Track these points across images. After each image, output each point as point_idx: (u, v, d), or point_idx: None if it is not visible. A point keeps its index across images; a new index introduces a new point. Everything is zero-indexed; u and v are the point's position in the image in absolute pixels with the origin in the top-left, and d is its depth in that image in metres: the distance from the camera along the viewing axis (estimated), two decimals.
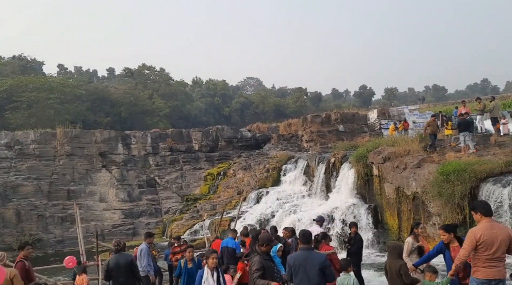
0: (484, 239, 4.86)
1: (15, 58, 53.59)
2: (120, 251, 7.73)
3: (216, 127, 34.24)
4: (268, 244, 5.93)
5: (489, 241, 4.85)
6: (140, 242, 21.15)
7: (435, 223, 14.37)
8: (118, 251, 7.73)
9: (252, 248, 6.33)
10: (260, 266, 5.68)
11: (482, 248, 4.89)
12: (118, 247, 7.76)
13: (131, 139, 31.08)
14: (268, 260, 5.87)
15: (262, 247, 5.89)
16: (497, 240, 4.82)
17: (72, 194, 27.46)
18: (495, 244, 4.82)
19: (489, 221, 4.97)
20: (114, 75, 77.43)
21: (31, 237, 24.75)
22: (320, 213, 16.65)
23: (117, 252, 7.76)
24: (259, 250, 5.88)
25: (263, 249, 5.86)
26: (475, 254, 4.96)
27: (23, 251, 7.29)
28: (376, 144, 18.94)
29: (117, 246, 7.81)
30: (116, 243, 7.89)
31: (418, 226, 7.51)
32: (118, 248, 7.76)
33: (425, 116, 32.24)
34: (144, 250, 8.96)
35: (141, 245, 9.25)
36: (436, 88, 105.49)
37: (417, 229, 7.39)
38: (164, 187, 29.82)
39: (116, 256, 7.70)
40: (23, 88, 39.56)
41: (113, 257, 7.82)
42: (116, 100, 48.37)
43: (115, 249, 7.88)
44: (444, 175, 13.38)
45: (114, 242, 8.27)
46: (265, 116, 58.62)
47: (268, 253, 6.01)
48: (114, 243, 8.05)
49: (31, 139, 28.51)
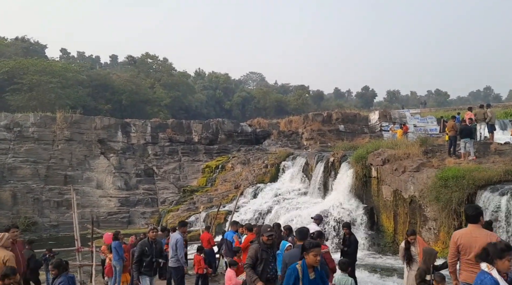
0: (461, 242, 4.99)
1: (18, 39, 53.31)
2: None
3: (217, 120, 34.17)
4: (262, 235, 5.88)
5: (466, 245, 4.95)
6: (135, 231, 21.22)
7: (430, 228, 14.40)
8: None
9: (258, 237, 6.34)
10: (252, 254, 5.69)
11: (461, 251, 5.03)
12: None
13: (131, 128, 31.01)
14: (267, 252, 5.81)
15: (263, 236, 5.89)
16: (475, 245, 4.84)
17: (69, 179, 27.43)
18: (473, 248, 4.85)
19: (472, 227, 5.05)
20: (116, 63, 77.14)
21: (26, 219, 24.79)
22: (316, 211, 16.67)
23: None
24: (262, 240, 5.87)
25: (264, 239, 5.83)
26: (461, 257, 5.10)
27: (8, 233, 6.91)
28: (376, 145, 18.93)
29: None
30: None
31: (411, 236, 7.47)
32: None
33: (426, 120, 32.20)
34: (180, 240, 8.44)
35: (175, 234, 8.72)
36: (438, 93, 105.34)
37: (408, 237, 7.40)
38: (161, 177, 29.81)
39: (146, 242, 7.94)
40: (25, 70, 39.39)
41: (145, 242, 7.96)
42: (118, 88, 48.24)
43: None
44: (443, 180, 13.37)
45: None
46: (266, 112, 58.62)
47: (270, 245, 5.94)
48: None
49: (31, 122, 28.43)
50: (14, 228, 7.16)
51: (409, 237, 7.37)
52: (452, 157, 15.49)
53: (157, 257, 7.83)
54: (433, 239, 14.11)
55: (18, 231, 7.19)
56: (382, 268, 13.11)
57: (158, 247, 7.95)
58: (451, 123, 16.37)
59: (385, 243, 16.01)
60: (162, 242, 8.59)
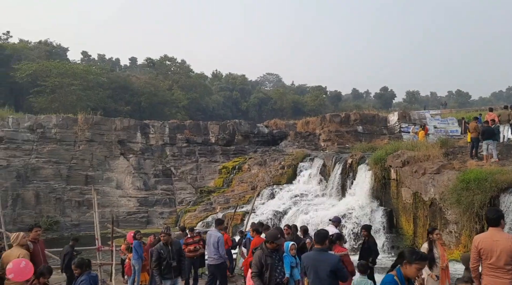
0: (482, 246, 4.90)
1: (41, 43, 54.69)
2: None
3: (234, 121, 34.29)
4: (271, 242, 5.84)
5: (487, 249, 4.85)
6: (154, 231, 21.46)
7: (451, 231, 14.13)
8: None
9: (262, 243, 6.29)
10: (257, 262, 5.64)
11: (483, 256, 4.93)
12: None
13: (150, 129, 31.43)
14: (271, 257, 5.77)
15: (267, 243, 5.83)
16: (497, 249, 4.75)
17: (89, 180, 27.97)
18: (495, 253, 4.77)
19: (493, 230, 4.95)
20: (136, 65, 78.34)
21: (48, 219, 25.38)
22: (334, 213, 16.54)
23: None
24: (264, 246, 5.82)
25: (268, 246, 5.79)
26: (482, 261, 5.00)
27: (31, 233, 7.24)
28: (395, 147, 18.68)
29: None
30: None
31: (434, 231, 7.36)
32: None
33: (447, 121, 31.54)
34: (221, 238, 8.63)
35: (214, 232, 8.84)
36: (459, 93, 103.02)
37: (432, 235, 7.24)
38: (179, 177, 30.10)
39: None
40: (48, 73, 40.38)
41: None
42: (137, 90, 48.98)
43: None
44: (464, 182, 13.11)
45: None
46: (282, 113, 58.48)
47: (274, 250, 5.90)
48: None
49: (53, 123, 29.11)
50: (37, 227, 7.37)
51: (434, 233, 7.23)
52: (474, 159, 15.16)
53: (174, 259, 7.81)
54: (454, 243, 13.84)
55: (40, 231, 7.36)
56: None
57: (175, 249, 7.94)
58: (473, 124, 16.00)
59: (404, 246, 15.74)
60: (180, 242, 8.62)
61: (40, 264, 6.70)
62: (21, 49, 48.73)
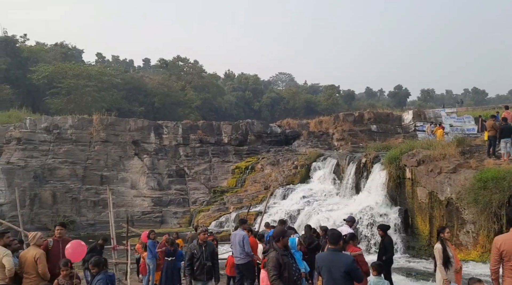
0: (503, 248, 4.81)
1: (57, 45, 55.67)
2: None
3: (246, 121, 34.31)
4: (282, 238, 5.71)
5: (510, 251, 4.76)
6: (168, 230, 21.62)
7: (468, 231, 13.88)
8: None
9: (270, 244, 6.20)
10: (275, 264, 5.47)
11: (505, 258, 4.83)
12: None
13: (163, 129, 31.69)
14: (286, 256, 5.66)
15: (277, 242, 5.71)
16: None
17: (104, 180, 28.34)
18: None
19: None
20: (149, 66, 79.09)
21: (65, 218, 25.78)
22: (348, 213, 16.41)
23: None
24: (276, 245, 5.70)
25: (279, 245, 5.68)
26: (504, 263, 4.91)
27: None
28: (410, 146, 18.45)
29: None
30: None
31: (444, 230, 7.22)
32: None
33: (463, 120, 30.99)
34: (246, 236, 8.62)
35: (239, 231, 8.82)
36: (476, 91, 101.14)
37: (443, 234, 7.10)
38: (192, 177, 30.27)
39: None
40: (63, 74, 41.08)
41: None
42: (150, 90, 49.45)
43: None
44: (482, 182, 12.89)
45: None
46: (295, 112, 58.28)
47: (286, 247, 5.80)
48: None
49: (69, 124, 29.59)
50: (59, 226, 7.50)
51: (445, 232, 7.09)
52: (492, 157, 14.86)
53: (208, 260, 7.58)
54: (472, 243, 13.59)
55: (62, 229, 7.42)
56: (418, 272, 12.75)
57: (209, 249, 7.71)
58: (491, 122, 15.68)
59: (420, 246, 15.56)
60: (213, 244, 8.45)
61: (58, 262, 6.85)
62: (37, 52, 49.68)
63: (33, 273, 6.49)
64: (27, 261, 6.54)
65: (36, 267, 6.49)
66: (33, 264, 6.50)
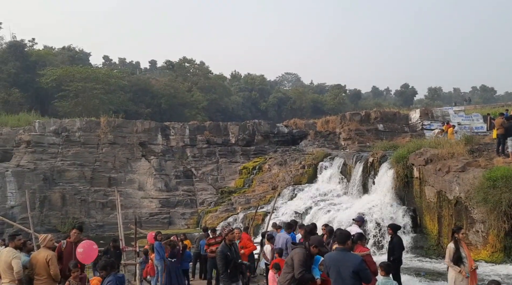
0: None
1: (65, 48, 56.19)
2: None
3: (253, 121, 34.35)
4: (316, 247, 5.82)
5: None
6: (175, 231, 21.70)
7: (478, 231, 13.77)
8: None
9: (304, 244, 6.19)
10: (302, 260, 5.59)
11: None
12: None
13: (170, 131, 31.84)
14: (311, 260, 5.78)
15: (312, 247, 5.81)
16: None
17: (113, 181, 28.55)
18: None
19: None
20: (155, 67, 79.48)
21: (74, 220, 26.04)
22: (355, 213, 16.36)
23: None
24: (308, 246, 5.81)
25: (312, 250, 5.79)
26: None
27: (70, 234, 7.65)
28: (417, 145, 18.34)
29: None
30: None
31: (460, 231, 7.20)
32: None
33: (471, 118, 30.73)
34: (290, 239, 8.66)
35: (284, 234, 8.94)
36: (484, 89, 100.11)
37: (458, 234, 7.07)
38: (200, 178, 30.37)
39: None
40: (71, 77, 41.44)
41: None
42: (157, 92, 49.68)
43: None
44: (491, 180, 12.78)
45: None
46: (302, 112, 58.19)
47: (312, 256, 5.89)
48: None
49: (77, 126, 29.86)
50: (76, 229, 7.66)
51: (460, 233, 7.06)
52: (501, 156, 14.71)
53: (239, 259, 7.33)
54: (481, 243, 13.48)
55: (77, 232, 7.60)
56: (427, 272, 12.68)
57: (236, 249, 7.52)
58: (500, 120, 15.48)
59: (429, 246, 15.45)
60: (236, 243, 8.30)
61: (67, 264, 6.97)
62: (45, 55, 50.18)
63: (44, 274, 6.58)
64: (38, 263, 6.62)
65: (47, 268, 6.57)
66: (45, 265, 6.58)
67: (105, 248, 10.86)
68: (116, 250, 10.89)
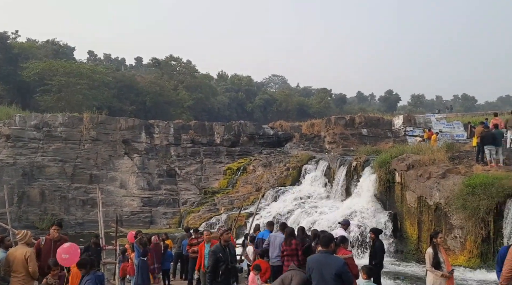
0: None
1: (48, 42, 55.06)
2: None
3: (239, 122, 34.30)
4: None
5: None
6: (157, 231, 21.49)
7: (456, 236, 14.05)
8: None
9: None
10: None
11: None
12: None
13: (154, 129, 31.51)
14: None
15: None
16: None
17: (94, 179, 28.08)
18: None
19: None
20: (141, 65, 78.64)
21: (53, 217, 25.47)
22: (338, 216, 16.51)
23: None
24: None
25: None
26: None
27: (50, 230, 7.53)
28: (400, 150, 18.62)
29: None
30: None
31: (437, 235, 7.30)
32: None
33: (452, 125, 31.36)
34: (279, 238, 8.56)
35: (280, 234, 8.67)
36: (465, 97, 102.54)
37: (436, 239, 7.18)
38: (183, 178, 30.14)
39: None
40: (54, 72, 40.64)
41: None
42: (142, 89, 49.16)
43: None
44: (470, 187, 13.06)
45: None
46: (288, 115, 58.41)
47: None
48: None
49: (59, 122, 29.27)
50: (56, 226, 7.55)
51: (438, 237, 7.16)
52: (480, 164, 15.06)
53: (233, 262, 7.13)
54: (459, 248, 13.76)
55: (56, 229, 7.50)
56: (406, 276, 12.87)
57: (232, 251, 7.27)
58: (480, 128, 15.88)
59: (408, 250, 15.70)
60: (233, 246, 8.15)
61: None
62: (28, 48, 49.05)
63: (22, 271, 6.42)
64: (16, 260, 6.46)
65: (26, 265, 6.42)
66: (23, 262, 6.43)
67: (85, 245, 10.68)
68: (97, 247, 10.72)
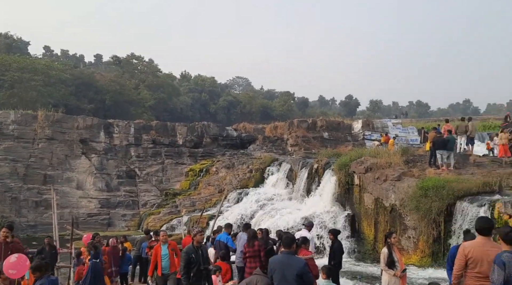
0: (472, 255, 4.81)
1: (1, 35, 52.12)
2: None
3: (202, 123, 34.04)
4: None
5: (477, 259, 4.77)
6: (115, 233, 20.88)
7: (410, 236, 14.67)
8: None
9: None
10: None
11: (471, 264, 4.83)
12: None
13: (114, 128, 30.62)
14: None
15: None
16: (487, 258, 4.69)
17: (48, 179, 26.87)
18: (485, 262, 4.70)
19: (483, 239, 4.89)
20: (101, 62, 76.18)
21: (3, 219, 24.07)
22: (299, 217, 16.78)
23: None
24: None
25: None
26: (466, 271, 4.92)
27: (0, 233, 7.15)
28: (359, 154, 19.20)
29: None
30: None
31: (391, 235, 7.58)
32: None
33: (407, 130, 32.82)
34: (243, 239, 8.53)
35: (244, 235, 8.60)
36: (419, 104, 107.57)
37: (390, 239, 7.46)
38: (143, 179, 29.48)
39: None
40: (7, 67, 38.59)
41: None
42: (101, 87, 47.58)
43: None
44: (423, 190, 13.67)
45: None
46: (251, 117, 58.61)
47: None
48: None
49: (11, 119, 27.79)
50: (5, 228, 7.25)
51: (391, 238, 7.43)
52: (433, 167, 15.83)
53: (205, 264, 7.00)
54: (412, 248, 14.38)
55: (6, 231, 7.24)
56: (363, 276, 13.27)
57: (205, 253, 7.18)
58: (432, 134, 16.74)
59: (365, 250, 16.21)
60: (207, 248, 8.06)
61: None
62: None
63: None
64: None
65: None
66: None
67: (39, 248, 10.20)
68: (52, 250, 10.28)
